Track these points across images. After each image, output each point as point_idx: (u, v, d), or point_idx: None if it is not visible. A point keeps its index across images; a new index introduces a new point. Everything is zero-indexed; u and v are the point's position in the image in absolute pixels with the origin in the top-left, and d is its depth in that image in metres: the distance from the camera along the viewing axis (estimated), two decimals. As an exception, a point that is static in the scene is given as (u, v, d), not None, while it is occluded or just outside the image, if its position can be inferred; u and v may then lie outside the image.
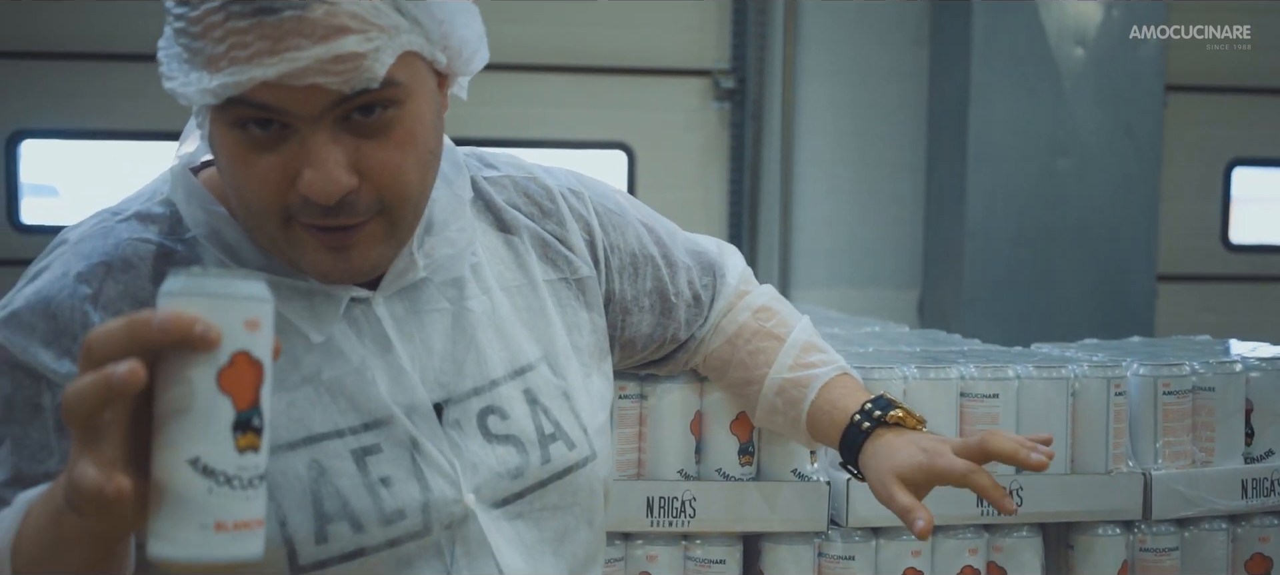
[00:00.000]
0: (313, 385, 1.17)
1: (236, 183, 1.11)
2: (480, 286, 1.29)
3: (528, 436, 1.26)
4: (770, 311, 1.61)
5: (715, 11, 5.52)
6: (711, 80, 5.53)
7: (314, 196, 1.08)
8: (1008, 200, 4.98)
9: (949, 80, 5.15)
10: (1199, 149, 5.74)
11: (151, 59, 4.30)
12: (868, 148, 5.58)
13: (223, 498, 0.87)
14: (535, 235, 1.37)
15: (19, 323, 1.13)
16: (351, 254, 1.13)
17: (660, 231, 1.52)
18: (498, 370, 1.27)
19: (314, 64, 1.03)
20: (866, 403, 1.49)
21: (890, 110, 5.55)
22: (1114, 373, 1.86)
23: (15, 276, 4.12)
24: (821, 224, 5.58)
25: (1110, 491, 1.86)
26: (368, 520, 1.16)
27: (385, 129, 1.10)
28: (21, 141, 5.25)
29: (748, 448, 1.77)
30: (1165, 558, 1.89)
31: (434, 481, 1.19)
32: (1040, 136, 4.95)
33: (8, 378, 1.12)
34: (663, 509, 1.76)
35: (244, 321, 0.88)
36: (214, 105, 1.07)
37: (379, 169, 1.10)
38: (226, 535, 0.88)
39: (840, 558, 1.80)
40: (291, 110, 1.06)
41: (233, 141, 1.09)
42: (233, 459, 0.87)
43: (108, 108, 5.25)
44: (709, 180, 5.55)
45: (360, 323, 1.21)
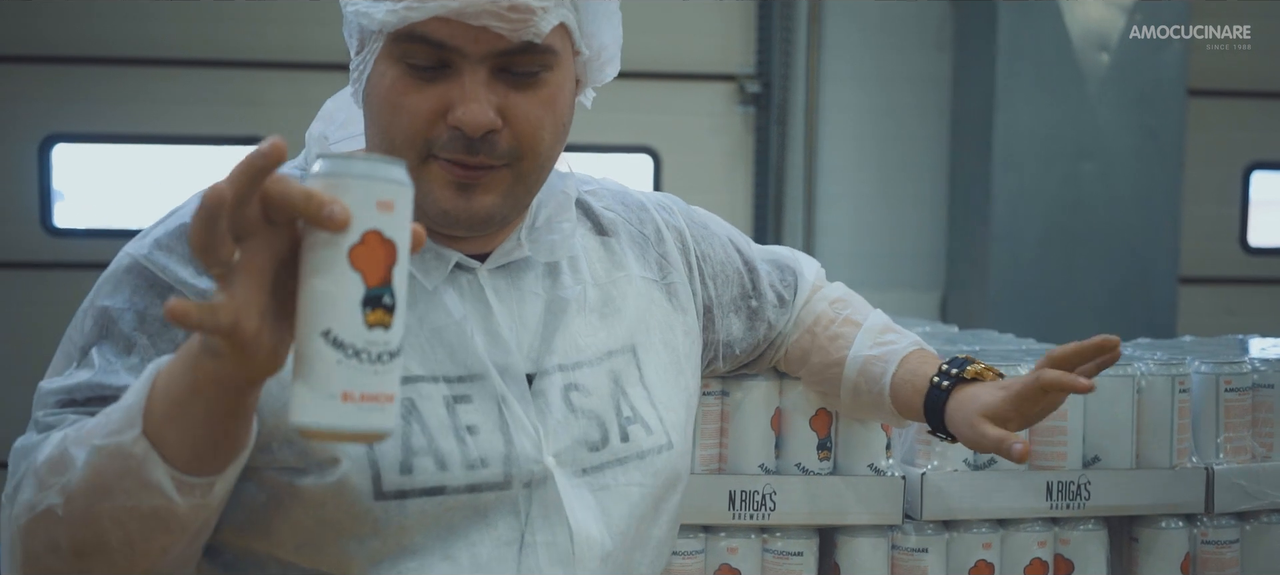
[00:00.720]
0: (415, 331, 1.24)
1: (388, 114, 1.21)
2: (576, 277, 1.37)
3: (608, 415, 1.33)
4: (845, 301, 1.69)
5: (740, 17, 5.58)
6: (737, 85, 5.58)
7: (464, 125, 1.17)
8: (1032, 203, 5.03)
9: (974, 85, 5.21)
10: (1219, 153, 5.79)
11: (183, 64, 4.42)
12: (890, 151, 5.64)
13: (350, 370, 0.91)
14: (632, 237, 1.45)
15: (159, 246, 1.23)
16: (474, 194, 1.22)
17: (741, 242, 1.61)
18: (585, 353, 1.34)
19: (490, 5, 1.14)
20: (943, 365, 1.55)
21: (912, 114, 5.60)
22: (1178, 370, 1.91)
23: (51, 280, 4.25)
24: (844, 226, 5.63)
25: (1174, 486, 1.90)
26: (451, 461, 1.22)
27: (533, 86, 1.21)
28: (54, 146, 5.29)
29: (826, 443, 1.82)
30: (1226, 550, 1.94)
31: (517, 438, 1.26)
32: (1064, 140, 5.00)
33: (144, 296, 1.20)
34: (744, 502, 1.81)
35: (377, 202, 0.92)
36: (388, 37, 1.17)
37: (521, 118, 1.20)
38: (353, 406, 0.92)
39: (914, 550, 1.85)
40: (459, 47, 1.17)
41: (394, 75, 1.19)
42: (362, 333, 0.92)
43: (138, 113, 5.30)
44: (734, 184, 5.61)
45: (464, 288, 1.29)
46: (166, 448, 1.02)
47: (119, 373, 1.17)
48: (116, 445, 1.03)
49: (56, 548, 1.08)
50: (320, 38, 5.30)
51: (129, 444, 1.02)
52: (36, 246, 5.29)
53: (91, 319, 1.22)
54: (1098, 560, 1.91)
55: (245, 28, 5.28)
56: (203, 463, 1.03)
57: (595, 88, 1.33)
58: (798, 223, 5.55)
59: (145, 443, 1.02)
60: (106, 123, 5.31)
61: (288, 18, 5.29)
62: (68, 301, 5.29)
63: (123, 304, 1.20)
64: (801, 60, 5.49)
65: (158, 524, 1.05)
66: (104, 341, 1.20)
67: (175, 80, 5.29)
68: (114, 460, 1.03)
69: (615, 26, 1.30)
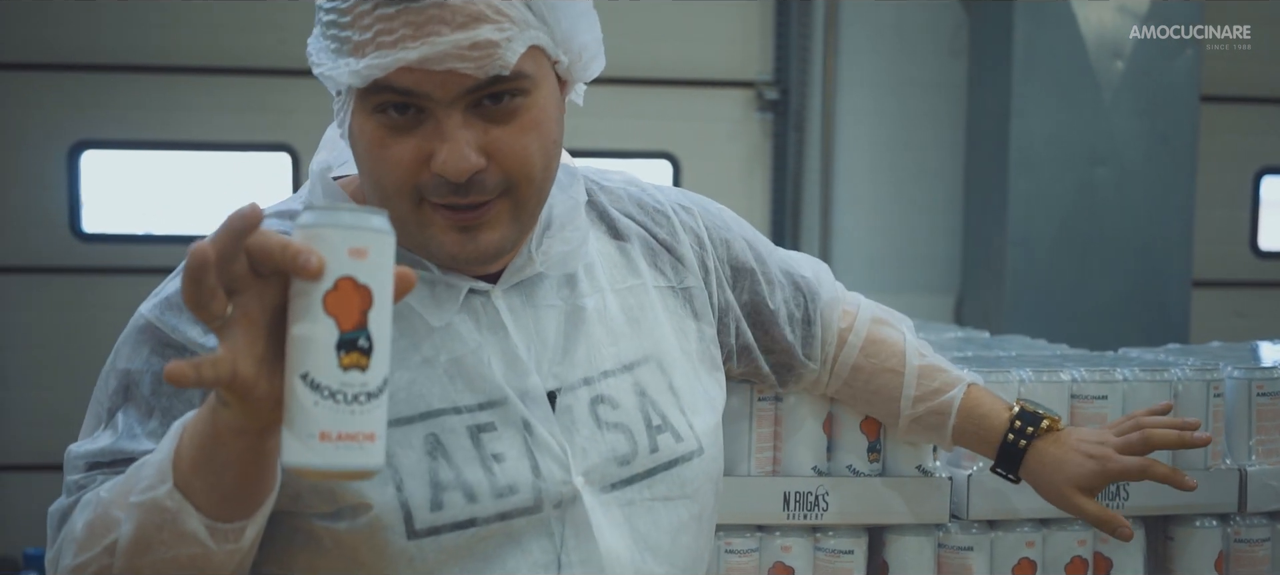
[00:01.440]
0: (432, 365, 1.25)
1: (373, 166, 1.20)
2: (593, 286, 1.36)
3: (636, 426, 1.33)
4: (878, 343, 1.68)
5: (758, 25, 5.64)
6: (755, 91, 5.65)
7: (447, 173, 1.16)
8: (1048, 208, 5.09)
9: (990, 92, 5.26)
10: (1230, 157, 5.85)
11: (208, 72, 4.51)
12: (905, 156, 5.70)
13: (327, 410, 0.96)
14: (646, 244, 1.44)
15: (169, 305, 1.23)
16: (479, 234, 1.22)
17: (760, 248, 1.58)
18: (608, 363, 1.34)
19: (452, 49, 1.13)
20: (1014, 419, 1.62)
21: (927, 119, 5.66)
22: (1213, 375, 1.98)
23: (80, 283, 4.34)
24: (860, 230, 5.69)
25: (1208, 486, 1.96)
26: (480, 492, 1.23)
27: (512, 115, 1.19)
28: (82, 152, 5.36)
29: (875, 446, 1.89)
30: (1258, 548, 2.00)
31: (544, 462, 1.26)
32: (1080, 146, 5.06)
33: (159, 356, 1.22)
34: (797, 503, 1.87)
35: (349, 250, 0.96)
36: (358, 91, 1.17)
37: (506, 151, 1.19)
38: (330, 445, 0.96)
39: (959, 548, 1.92)
40: (428, 94, 1.15)
41: (372, 127, 1.18)
42: (336, 376, 0.96)
43: (165, 120, 5.36)
44: (752, 188, 5.67)
45: (478, 312, 1.28)
46: (196, 497, 1.05)
47: (140, 438, 1.20)
48: (152, 500, 1.06)
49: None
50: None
51: (163, 497, 1.05)
52: (65, 251, 5.35)
53: (115, 380, 1.24)
54: (1135, 558, 1.97)
55: (269, 36, 5.33)
56: (232, 508, 1.06)
57: (586, 83, 1.30)
58: (814, 227, 5.61)
59: (178, 495, 1.05)
60: (134, 129, 5.37)
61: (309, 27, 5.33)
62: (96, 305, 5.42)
63: (141, 366, 1.22)
64: (818, 67, 5.55)
65: (196, 572, 1.08)
66: (128, 404, 1.22)
67: (201, 88, 5.35)
68: (151, 514, 1.06)
69: (592, 25, 1.27)
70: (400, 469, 1.22)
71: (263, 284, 0.96)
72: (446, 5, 1.13)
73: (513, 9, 1.16)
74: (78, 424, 3.98)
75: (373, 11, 1.14)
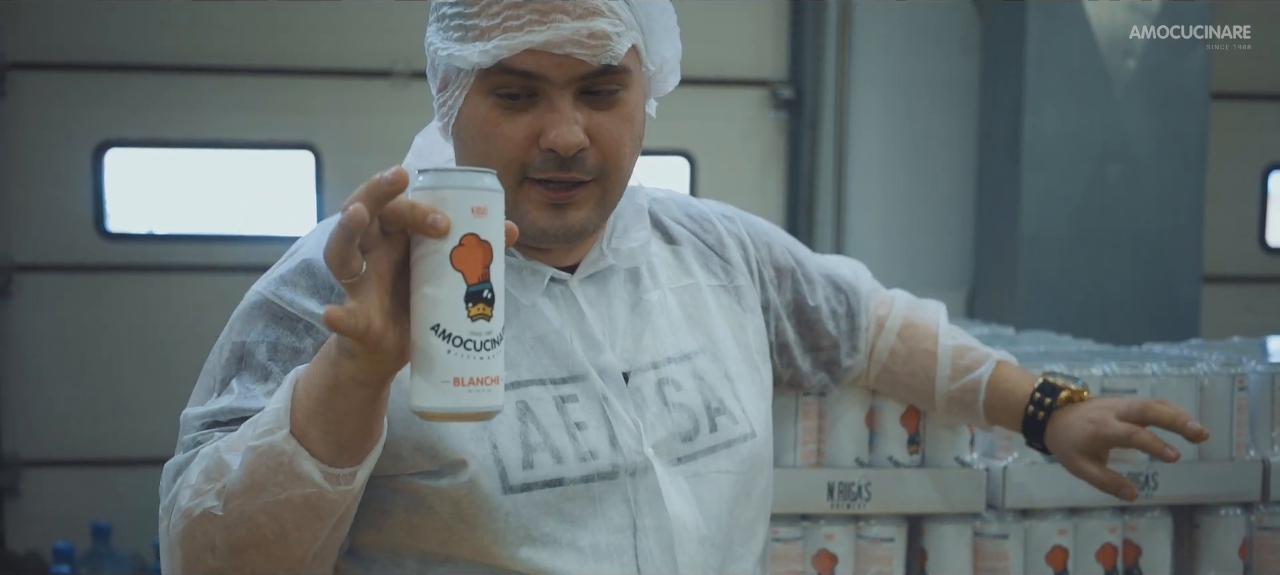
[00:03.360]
0: (520, 340, 1.38)
1: (484, 144, 1.32)
2: (654, 282, 1.50)
3: (697, 408, 1.45)
4: (913, 326, 1.80)
5: (773, 26, 5.70)
6: (769, 91, 5.70)
7: (557, 146, 1.29)
8: (1060, 205, 5.13)
9: (1003, 90, 5.32)
10: (1239, 154, 5.90)
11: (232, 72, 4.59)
12: (917, 153, 5.75)
13: (459, 358, 1.05)
14: (697, 248, 1.57)
15: (285, 282, 1.35)
16: (568, 212, 1.35)
17: (799, 252, 1.71)
18: (670, 351, 1.46)
19: (572, 35, 1.27)
20: (1035, 392, 1.71)
21: (939, 116, 5.71)
22: (1237, 370, 2.06)
23: (107, 281, 4.43)
24: (874, 227, 5.74)
25: (1233, 476, 2.05)
26: (566, 455, 1.35)
27: (614, 105, 1.33)
28: (107, 152, 5.42)
29: (915, 438, 1.97)
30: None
31: (620, 433, 1.38)
32: (1092, 144, 5.10)
33: (274, 328, 1.33)
34: (841, 493, 1.96)
35: (471, 208, 1.06)
36: (479, 73, 1.29)
37: (606, 137, 1.32)
38: (463, 389, 1.06)
39: (995, 536, 2.00)
40: (546, 75, 1.29)
41: (487, 107, 1.31)
42: (466, 325, 1.05)
43: (189, 119, 5.40)
44: (767, 186, 5.73)
45: (558, 299, 1.41)
46: (312, 444, 1.15)
47: (258, 397, 1.29)
48: (268, 444, 1.15)
49: (214, 547, 1.19)
50: (366, 45, 5.42)
51: (280, 442, 1.15)
52: (90, 249, 5.38)
53: (228, 352, 1.34)
54: (1163, 545, 2.05)
55: (293, 36, 5.38)
56: (345, 454, 1.16)
57: (658, 98, 1.44)
58: (828, 223, 5.67)
59: (294, 441, 1.15)
60: (158, 129, 5.39)
61: (335, 27, 5.39)
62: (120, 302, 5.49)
63: (256, 337, 1.33)
64: (832, 66, 5.60)
65: (309, 512, 1.17)
66: (243, 372, 1.32)
67: (224, 87, 5.40)
68: (266, 458, 1.15)
69: (675, 40, 1.41)
70: (496, 432, 1.33)
71: (389, 243, 1.07)
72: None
73: (622, 9, 1.30)
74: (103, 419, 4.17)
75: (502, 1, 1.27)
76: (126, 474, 5.45)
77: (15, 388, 5.41)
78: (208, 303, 5.42)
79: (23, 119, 5.30)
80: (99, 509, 5.29)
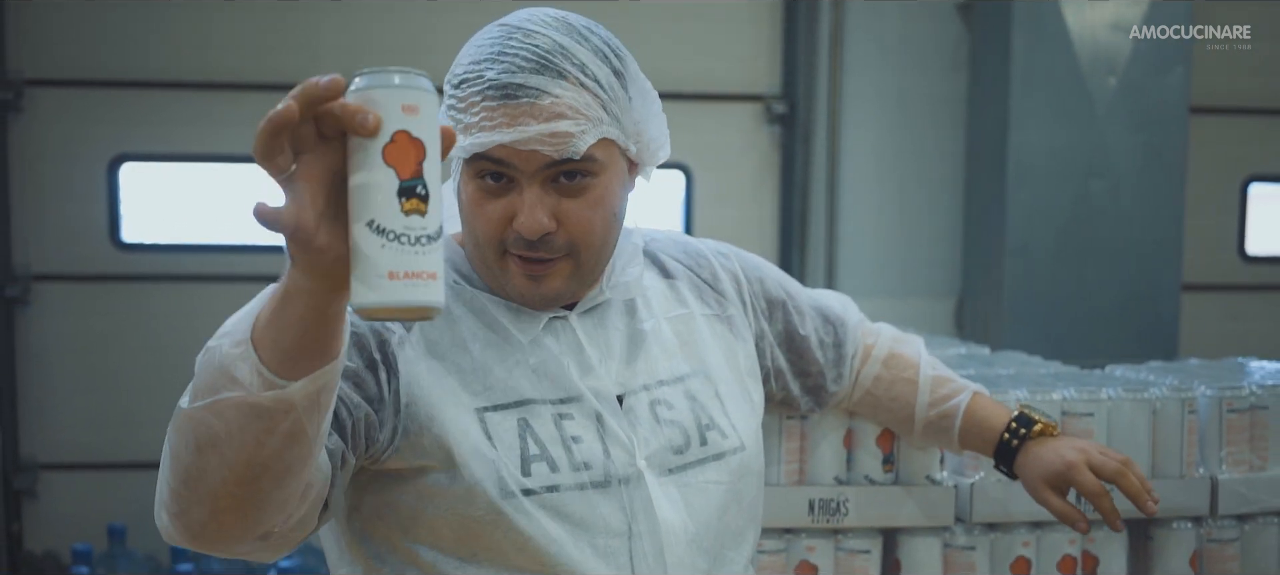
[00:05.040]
0: (523, 367, 1.54)
1: (472, 219, 1.50)
2: (649, 313, 1.66)
3: (689, 424, 1.60)
4: (896, 357, 1.96)
5: (767, 42, 5.84)
6: (764, 105, 5.84)
7: (522, 231, 1.46)
8: (1045, 219, 5.26)
9: (990, 108, 5.43)
10: (1218, 166, 6.03)
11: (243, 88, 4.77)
12: (907, 166, 5.87)
13: (393, 253, 1.06)
14: (692, 281, 1.74)
15: None
16: (543, 282, 1.50)
17: (789, 285, 1.87)
18: (663, 374, 1.62)
19: (536, 136, 1.43)
20: (1012, 422, 1.88)
21: (929, 131, 5.83)
22: (1187, 394, 2.22)
23: (122, 292, 4.61)
24: (865, 238, 5.87)
25: (1183, 492, 2.20)
26: (562, 465, 1.50)
27: (582, 192, 1.48)
28: (122, 165, 5.56)
29: (889, 458, 2.14)
30: (1228, 547, 2.24)
31: (613, 447, 1.54)
32: (1075, 160, 5.23)
33: None
34: (821, 509, 2.12)
35: (402, 106, 1.07)
36: (465, 159, 1.47)
37: (573, 220, 1.48)
38: (398, 283, 1.07)
39: (963, 547, 2.17)
40: (516, 166, 1.46)
41: (473, 188, 1.48)
42: (400, 220, 1.06)
43: (202, 134, 5.52)
44: (761, 198, 5.88)
45: (559, 332, 1.58)
46: (262, 350, 1.18)
47: None
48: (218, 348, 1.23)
49: (186, 443, 1.24)
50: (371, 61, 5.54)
51: (227, 347, 1.20)
52: (106, 260, 5.52)
53: None
54: (1119, 557, 2.21)
55: (303, 53, 5.50)
56: (288, 364, 1.18)
57: (654, 166, 1.58)
58: (821, 234, 5.81)
59: (246, 344, 1.19)
60: (172, 143, 5.53)
61: (345, 44, 5.52)
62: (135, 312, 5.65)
63: None
64: (825, 81, 5.73)
65: (249, 414, 1.19)
66: None
67: (236, 102, 5.51)
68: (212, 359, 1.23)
69: (660, 121, 1.56)
70: (498, 444, 1.49)
71: (325, 146, 1.09)
72: (536, 104, 1.44)
73: (589, 109, 1.46)
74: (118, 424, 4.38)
75: (482, 103, 1.45)
76: (141, 477, 5.59)
77: (33, 393, 5.57)
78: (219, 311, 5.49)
79: (40, 134, 5.46)
80: (114, 511, 5.44)
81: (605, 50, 1.49)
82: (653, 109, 1.55)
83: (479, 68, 1.46)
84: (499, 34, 1.49)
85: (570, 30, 1.49)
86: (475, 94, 1.45)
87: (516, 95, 1.43)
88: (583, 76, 1.45)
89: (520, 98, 1.43)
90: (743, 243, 1.94)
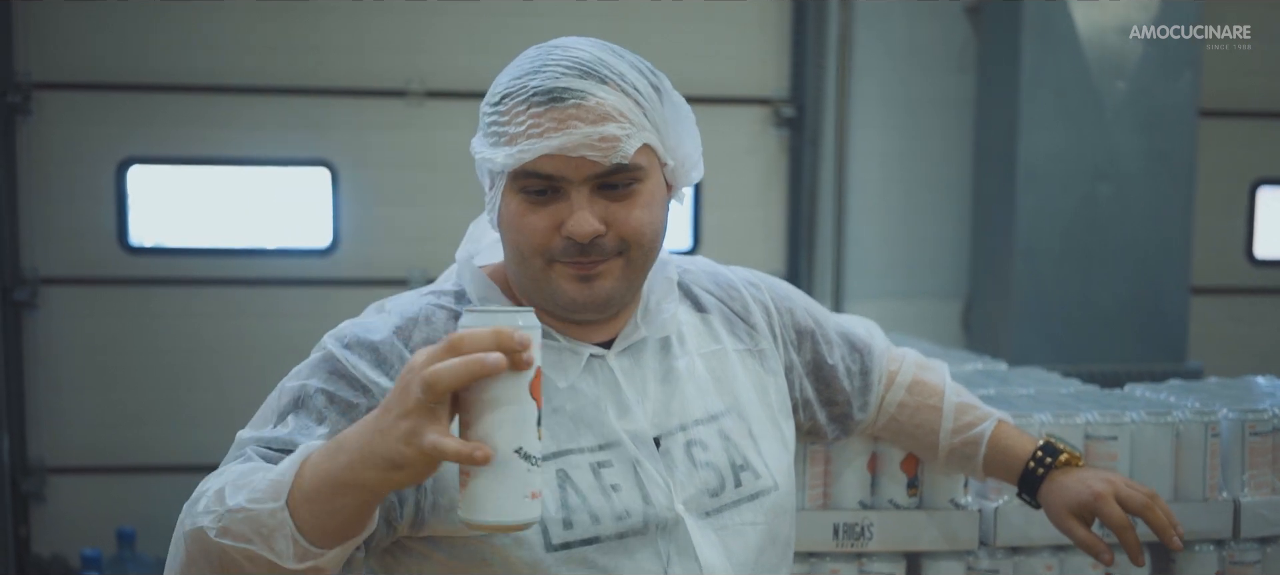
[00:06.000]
0: (560, 414, 1.54)
1: (517, 232, 1.49)
2: (683, 350, 1.66)
3: (723, 465, 1.61)
4: (920, 384, 1.95)
5: (775, 46, 5.85)
6: (772, 109, 5.86)
7: (573, 234, 1.45)
8: (1053, 223, 5.28)
9: (998, 112, 5.45)
10: (1227, 170, 6.04)
11: (250, 91, 4.81)
12: (915, 169, 5.90)
13: (534, 475, 1.22)
14: (724, 314, 1.73)
15: (351, 348, 1.50)
16: (595, 283, 1.50)
17: (817, 312, 1.87)
18: (697, 414, 1.62)
19: (584, 139, 1.43)
20: (1037, 450, 1.88)
21: (936, 134, 5.86)
22: (1210, 417, 2.23)
23: (130, 296, 4.66)
24: (872, 240, 5.89)
25: (1206, 515, 2.20)
26: (603, 515, 1.51)
27: (628, 197, 1.49)
28: (130, 168, 5.56)
29: (914, 482, 2.14)
30: (1250, 570, 2.23)
31: (652, 492, 1.54)
32: (1084, 163, 5.24)
33: (334, 381, 1.48)
34: (845, 533, 2.13)
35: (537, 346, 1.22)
36: (510, 173, 1.47)
37: (621, 220, 1.48)
38: (535, 502, 1.23)
39: (987, 571, 2.17)
40: (564, 175, 1.46)
41: (517, 202, 1.48)
42: (537, 446, 1.22)
43: (209, 137, 5.54)
44: (769, 201, 5.88)
45: (597, 371, 1.58)
46: (300, 520, 1.27)
47: (312, 435, 1.44)
48: (259, 511, 1.28)
49: (209, 557, 1.32)
50: (382, 66, 5.58)
51: (268, 514, 1.28)
52: (114, 263, 5.53)
53: (289, 395, 1.49)
54: (1142, 579, 2.22)
55: (311, 57, 5.52)
56: (327, 539, 1.29)
57: (686, 187, 1.59)
58: (828, 237, 5.82)
59: (285, 513, 1.28)
60: (179, 146, 5.55)
61: (352, 48, 5.54)
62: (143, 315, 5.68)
63: (317, 385, 1.48)
64: (832, 85, 5.75)
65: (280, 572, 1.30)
66: (299, 412, 1.47)
67: (243, 106, 5.54)
68: (251, 520, 1.29)
69: (694, 137, 1.58)
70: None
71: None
72: (582, 105, 1.45)
73: (633, 113, 1.47)
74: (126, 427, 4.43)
75: (527, 111, 1.46)
76: (149, 480, 5.61)
77: (41, 396, 5.57)
78: (227, 314, 5.60)
79: (48, 137, 5.47)
80: (122, 515, 5.46)
81: (641, 67, 1.52)
82: (688, 127, 1.56)
83: (521, 80, 1.47)
84: (537, 52, 1.51)
85: (606, 48, 1.51)
86: (520, 104, 1.46)
87: (563, 98, 1.44)
88: (623, 83, 1.47)
89: (567, 100, 1.44)
90: (750, 245, 1.95)
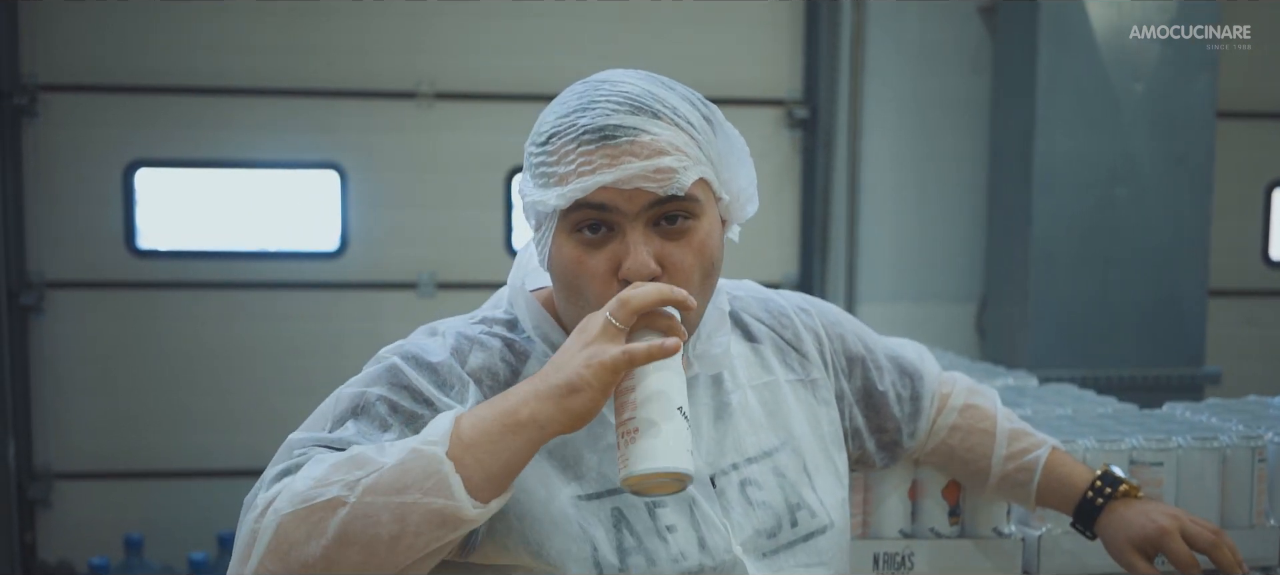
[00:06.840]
0: (615, 453, 1.46)
1: (576, 278, 1.45)
2: (735, 384, 1.61)
3: (779, 505, 1.57)
4: (972, 408, 1.91)
5: (788, 47, 5.81)
6: (785, 110, 5.81)
7: (631, 276, 1.41)
8: (1070, 226, 5.24)
9: (1014, 114, 5.41)
10: (1242, 171, 6.00)
11: (258, 93, 4.77)
12: (929, 170, 5.86)
13: (691, 433, 1.35)
14: (776, 343, 1.69)
15: (414, 365, 1.47)
16: None
17: (867, 337, 1.83)
18: (751, 451, 1.58)
19: (639, 172, 1.40)
20: (1096, 480, 1.83)
21: (950, 135, 5.82)
22: (1257, 442, 2.18)
23: (137, 299, 4.61)
24: (886, 242, 5.86)
25: (1253, 542, 2.16)
26: (659, 557, 1.47)
27: (684, 235, 1.45)
28: (137, 171, 5.51)
29: (955, 510, 2.09)
30: (1296, 597, 2.22)
31: (709, 535, 1.50)
32: (1100, 166, 5.21)
33: (396, 391, 1.45)
34: (886, 563, 2.08)
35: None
36: (561, 213, 1.43)
37: (675, 265, 1.44)
38: (693, 460, 1.35)
39: (1030, 600, 2.13)
40: (619, 207, 1.42)
41: (571, 246, 1.44)
42: (689, 408, 1.36)
43: (217, 139, 5.50)
44: (783, 202, 5.84)
45: None
46: (464, 468, 1.28)
47: (376, 439, 1.40)
48: (430, 452, 1.28)
49: (321, 534, 1.27)
50: (391, 68, 5.53)
51: (440, 453, 1.28)
52: (121, 266, 5.49)
53: (348, 401, 1.45)
54: (1187, 607, 2.18)
55: (320, 59, 5.48)
56: (487, 487, 1.29)
57: (740, 223, 1.55)
58: (841, 239, 5.79)
59: (449, 461, 1.28)
60: (186, 149, 5.51)
61: (361, 49, 5.49)
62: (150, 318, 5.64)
63: (379, 393, 1.44)
64: (845, 86, 5.71)
65: (438, 523, 1.28)
66: (361, 418, 1.43)
67: (251, 108, 5.50)
68: (422, 461, 1.28)
69: (748, 169, 1.53)
70: (595, 536, 1.46)
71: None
72: (636, 142, 1.40)
73: (688, 147, 1.43)
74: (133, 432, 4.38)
75: (577, 150, 1.41)
76: (156, 486, 5.57)
77: (47, 401, 5.53)
78: (235, 318, 5.56)
79: (55, 140, 5.42)
80: (130, 521, 5.42)
81: (692, 99, 1.48)
82: (742, 159, 1.52)
83: (569, 119, 1.43)
84: (583, 88, 1.46)
85: (655, 80, 1.47)
86: (569, 143, 1.42)
87: (615, 136, 1.40)
88: (676, 117, 1.43)
89: (618, 138, 1.40)
90: (763, 247, 1.92)
